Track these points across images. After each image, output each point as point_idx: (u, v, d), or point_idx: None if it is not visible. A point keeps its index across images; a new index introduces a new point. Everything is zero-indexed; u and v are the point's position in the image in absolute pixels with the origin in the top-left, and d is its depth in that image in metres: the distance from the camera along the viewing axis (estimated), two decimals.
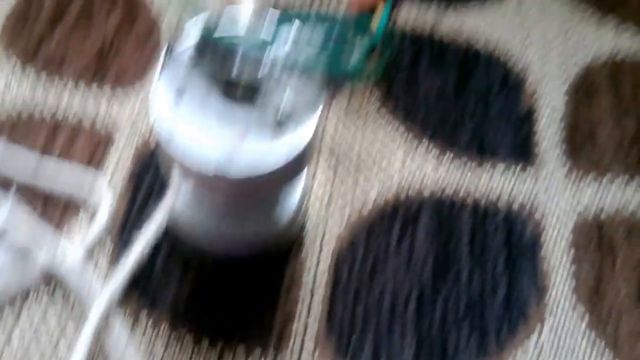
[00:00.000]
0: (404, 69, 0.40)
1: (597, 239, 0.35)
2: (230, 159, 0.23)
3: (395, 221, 0.34)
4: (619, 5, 0.45)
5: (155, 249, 0.32)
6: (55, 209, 0.33)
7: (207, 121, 0.24)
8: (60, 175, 0.33)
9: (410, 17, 0.43)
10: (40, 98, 0.37)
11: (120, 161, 0.35)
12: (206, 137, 0.24)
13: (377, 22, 0.34)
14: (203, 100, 0.24)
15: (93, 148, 0.35)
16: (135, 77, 0.39)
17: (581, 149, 0.38)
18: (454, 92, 0.40)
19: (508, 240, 0.34)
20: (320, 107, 0.25)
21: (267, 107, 0.24)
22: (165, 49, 0.25)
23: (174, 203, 0.31)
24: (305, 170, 0.30)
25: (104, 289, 0.30)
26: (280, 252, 0.33)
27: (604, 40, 0.43)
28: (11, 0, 0.41)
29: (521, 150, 0.38)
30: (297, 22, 0.25)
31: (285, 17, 0.25)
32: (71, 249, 0.31)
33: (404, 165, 0.36)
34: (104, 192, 0.33)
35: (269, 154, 0.24)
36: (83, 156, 0.35)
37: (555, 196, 0.36)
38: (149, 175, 0.35)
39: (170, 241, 0.32)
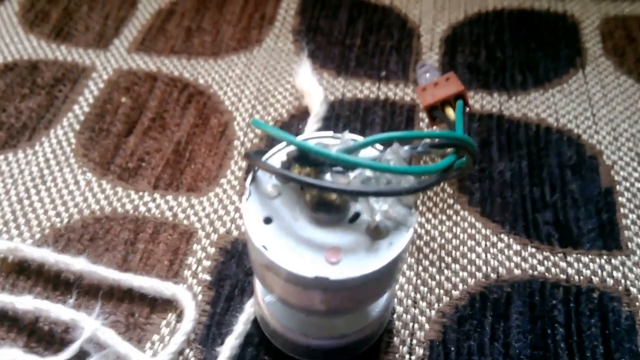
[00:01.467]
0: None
1: None
2: (325, 273, 0.23)
3: (486, 310, 0.33)
4: None
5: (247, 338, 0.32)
6: (139, 314, 0.33)
7: (298, 245, 0.24)
8: (142, 281, 0.34)
9: (474, 107, 0.44)
10: (118, 208, 0.38)
11: (201, 261, 0.35)
12: (300, 256, 0.24)
13: (450, 113, 0.34)
14: (292, 227, 0.25)
15: (172, 253, 0.36)
16: (211, 176, 0.39)
17: None
18: (528, 177, 0.39)
19: (604, 327, 0.33)
20: (413, 224, 0.25)
21: (358, 228, 0.25)
22: (251, 171, 0.26)
23: (260, 305, 0.31)
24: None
25: None
26: (369, 343, 0.32)
27: None
28: (82, 112, 0.43)
29: (606, 237, 0.36)
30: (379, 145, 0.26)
31: (370, 141, 0.25)
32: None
33: (485, 259, 0.35)
34: (187, 299, 0.33)
35: (365, 264, 0.24)
36: (163, 262, 0.35)
37: None
38: (230, 272, 0.35)
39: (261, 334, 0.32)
